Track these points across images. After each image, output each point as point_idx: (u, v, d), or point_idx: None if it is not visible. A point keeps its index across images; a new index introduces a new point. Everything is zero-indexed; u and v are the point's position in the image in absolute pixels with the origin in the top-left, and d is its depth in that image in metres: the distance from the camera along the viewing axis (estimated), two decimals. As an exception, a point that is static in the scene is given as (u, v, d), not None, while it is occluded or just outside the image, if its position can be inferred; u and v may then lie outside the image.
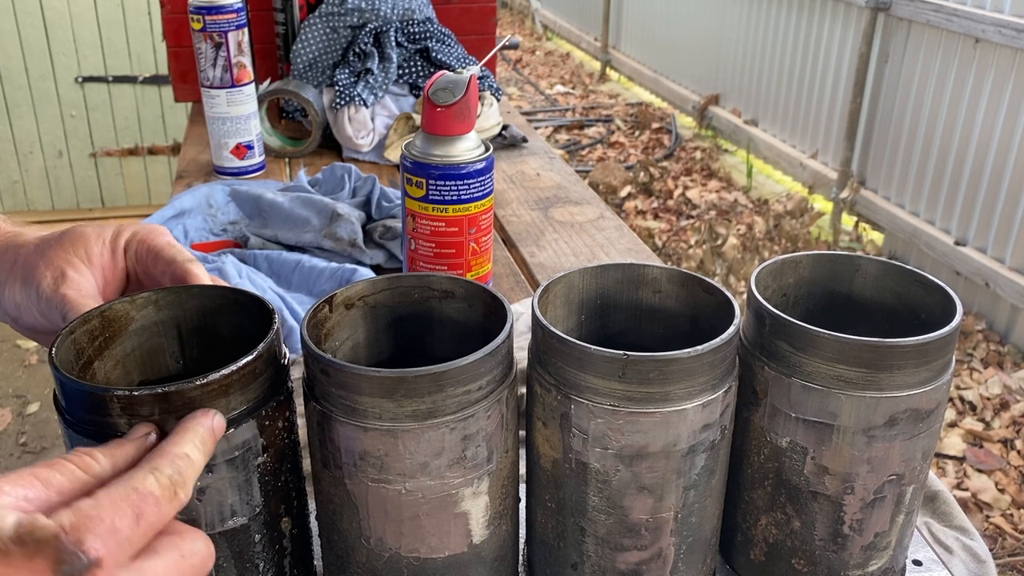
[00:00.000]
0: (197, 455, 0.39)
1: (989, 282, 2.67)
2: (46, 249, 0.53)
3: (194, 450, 0.39)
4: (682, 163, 4.15)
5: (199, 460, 0.39)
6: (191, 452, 0.39)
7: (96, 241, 0.53)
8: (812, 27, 3.56)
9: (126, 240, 0.54)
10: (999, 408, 2.34)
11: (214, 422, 0.41)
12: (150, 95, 3.23)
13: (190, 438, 0.39)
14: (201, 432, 0.40)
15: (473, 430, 0.44)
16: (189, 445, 0.39)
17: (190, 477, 0.38)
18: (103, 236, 0.54)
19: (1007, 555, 1.88)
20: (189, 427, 0.40)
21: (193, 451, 0.39)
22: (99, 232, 0.54)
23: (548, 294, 0.51)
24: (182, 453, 0.38)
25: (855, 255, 0.56)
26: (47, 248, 0.53)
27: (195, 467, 0.39)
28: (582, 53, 6.35)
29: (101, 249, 0.53)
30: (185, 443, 0.39)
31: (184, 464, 0.38)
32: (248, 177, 1.26)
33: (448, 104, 0.76)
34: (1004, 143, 2.64)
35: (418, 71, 1.41)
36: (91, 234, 0.53)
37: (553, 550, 0.51)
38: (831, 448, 0.48)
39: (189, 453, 0.38)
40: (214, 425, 0.41)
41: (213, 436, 0.41)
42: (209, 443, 0.40)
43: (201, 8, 1.16)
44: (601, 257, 1.06)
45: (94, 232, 0.54)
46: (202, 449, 0.40)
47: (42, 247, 0.53)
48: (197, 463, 0.39)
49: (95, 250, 0.53)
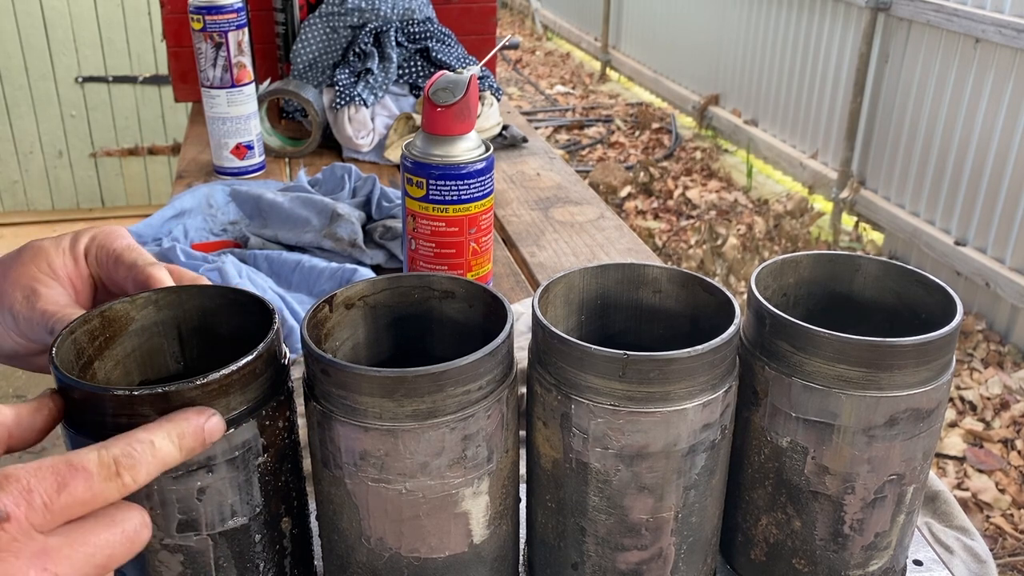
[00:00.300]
0: (166, 445, 0.38)
1: (989, 282, 2.67)
2: (6, 271, 0.52)
3: (164, 440, 0.38)
4: (682, 163, 4.15)
5: (167, 451, 0.38)
6: (158, 440, 0.38)
7: (56, 252, 0.52)
8: (812, 27, 3.56)
9: (85, 246, 0.53)
10: (999, 408, 2.34)
11: (207, 422, 0.40)
12: (150, 95, 3.23)
13: (165, 428, 0.39)
14: (182, 427, 0.39)
15: (473, 430, 0.44)
16: (160, 434, 0.38)
17: (144, 463, 0.37)
18: (62, 246, 0.53)
19: (1007, 555, 1.88)
20: (169, 418, 0.39)
21: (162, 440, 0.38)
22: (57, 243, 0.53)
23: (548, 294, 0.51)
24: (145, 439, 0.38)
25: (855, 255, 0.56)
26: (7, 270, 0.52)
27: (157, 456, 0.38)
28: (582, 53, 6.35)
29: (63, 260, 0.52)
30: (156, 431, 0.39)
31: (141, 449, 0.37)
32: (248, 177, 1.26)
33: (448, 104, 0.76)
34: (1004, 143, 2.64)
35: (418, 71, 1.41)
36: (48, 246, 0.52)
37: (553, 550, 0.51)
38: (831, 448, 0.48)
39: (155, 440, 0.38)
40: (206, 425, 0.40)
41: (199, 434, 0.40)
42: (190, 439, 0.39)
43: (201, 8, 1.16)
44: (601, 257, 1.06)
45: (51, 244, 0.53)
46: (177, 443, 0.39)
47: (1, 270, 0.52)
48: (162, 453, 0.38)
49: (57, 262, 0.52)
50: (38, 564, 0.33)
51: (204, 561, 0.44)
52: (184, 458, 0.40)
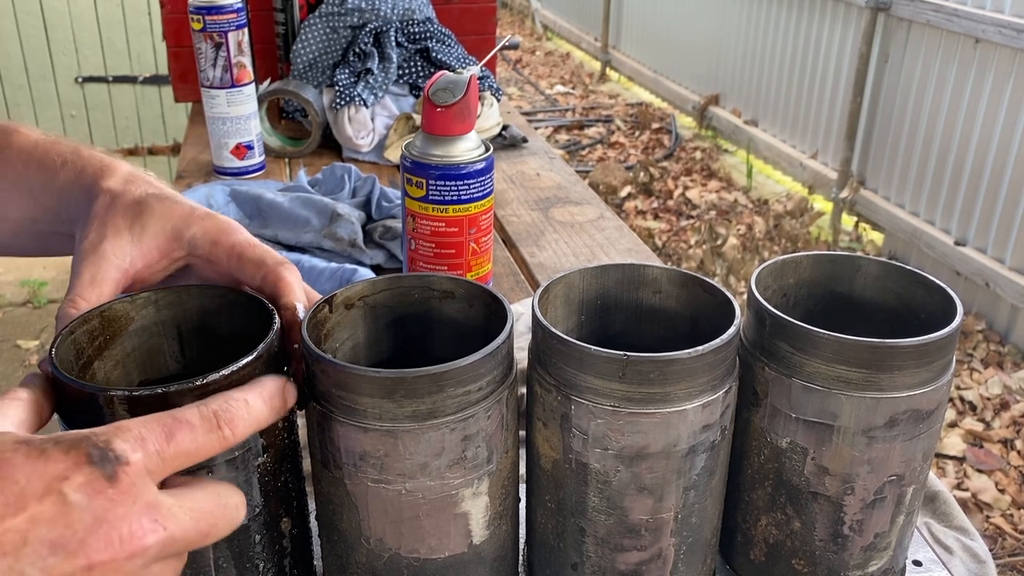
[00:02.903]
0: (257, 402, 0.41)
1: (989, 282, 2.67)
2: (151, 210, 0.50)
3: (256, 398, 0.41)
4: (682, 163, 4.15)
5: (259, 408, 0.41)
6: (251, 399, 0.40)
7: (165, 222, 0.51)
8: (812, 27, 3.56)
9: (193, 235, 0.51)
10: (999, 408, 2.34)
11: (286, 385, 0.43)
12: (150, 95, 3.23)
13: (256, 390, 0.41)
14: (270, 386, 0.42)
15: (473, 430, 0.44)
16: (252, 393, 0.41)
17: (240, 417, 0.39)
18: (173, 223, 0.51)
19: (1007, 555, 1.88)
20: (258, 381, 0.42)
21: (254, 398, 0.41)
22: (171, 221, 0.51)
23: (548, 294, 0.51)
24: (239, 397, 0.40)
25: (855, 255, 0.56)
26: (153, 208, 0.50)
27: (252, 411, 0.40)
28: (582, 53, 6.35)
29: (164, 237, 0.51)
30: (248, 391, 0.41)
31: (237, 405, 0.40)
32: (248, 177, 1.26)
33: (448, 104, 0.76)
34: (1004, 143, 2.64)
35: (418, 71, 1.41)
36: (178, 223, 0.51)
37: (553, 550, 0.51)
38: (831, 449, 0.48)
39: (248, 399, 0.40)
40: (287, 387, 0.43)
41: (282, 395, 0.42)
42: (277, 399, 0.42)
43: (201, 8, 1.16)
44: (601, 257, 1.06)
45: (181, 221, 0.51)
46: (268, 402, 0.41)
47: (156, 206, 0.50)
48: (255, 409, 0.40)
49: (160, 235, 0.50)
50: (150, 515, 0.35)
51: (204, 561, 0.44)
52: (274, 418, 0.42)
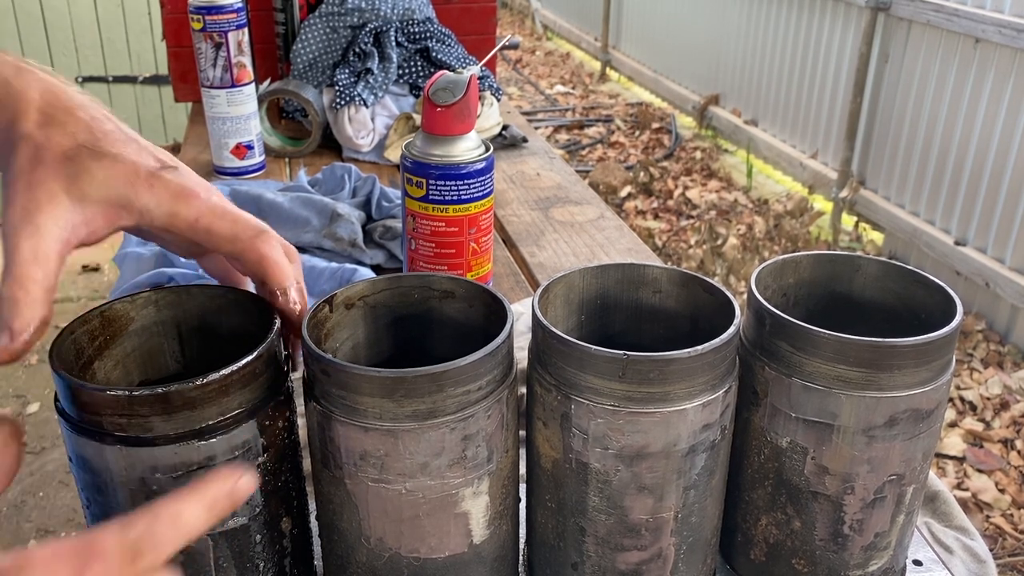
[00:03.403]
0: (193, 514, 0.36)
1: (989, 282, 2.67)
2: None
3: (194, 508, 0.36)
4: (682, 163, 4.14)
5: (193, 521, 0.36)
6: (186, 511, 0.36)
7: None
8: (812, 27, 3.56)
9: (145, 205, 0.47)
10: (999, 408, 2.34)
11: (237, 483, 0.38)
12: (150, 95, 3.23)
13: (196, 496, 0.37)
14: (214, 490, 0.37)
15: (473, 430, 0.44)
16: (190, 502, 0.36)
17: (166, 541, 0.35)
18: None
19: (1007, 555, 1.88)
20: (205, 481, 0.38)
21: (191, 510, 0.36)
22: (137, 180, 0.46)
23: (548, 294, 0.51)
24: (169, 513, 0.36)
25: (855, 255, 0.56)
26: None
27: (182, 528, 0.36)
28: (582, 53, 6.35)
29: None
30: (186, 500, 0.36)
31: (162, 529, 0.35)
32: (248, 177, 1.26)
33: (448, 104, 0.76)
34: (1004, 143, 2.64)
35: (418, 71, 1.41)
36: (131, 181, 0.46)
37: (553, 550, 0.51)
38: (831, 448, 0.48)
39: (183, 511, 0.36)
40: (237, 486, 0.38)
41: (230, 498, 0.38)
42: (223, 502, 0.38)
43: (201, 8, 1.16)
44: (601, 257, 1.06)
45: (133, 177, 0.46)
46: (210, 509, 0.37)
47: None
48: (187, 525, 0.36)
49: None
50: None
51: (204, 561, 0.44)
52: (215, 522, 0.38)
